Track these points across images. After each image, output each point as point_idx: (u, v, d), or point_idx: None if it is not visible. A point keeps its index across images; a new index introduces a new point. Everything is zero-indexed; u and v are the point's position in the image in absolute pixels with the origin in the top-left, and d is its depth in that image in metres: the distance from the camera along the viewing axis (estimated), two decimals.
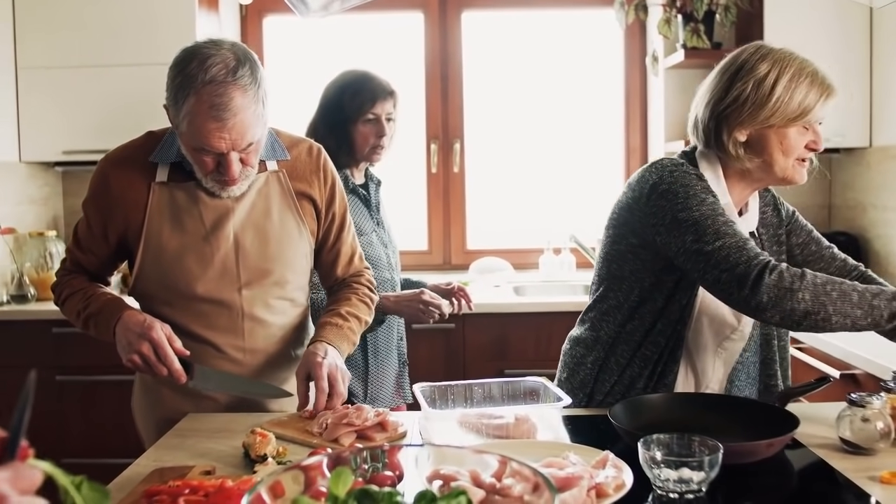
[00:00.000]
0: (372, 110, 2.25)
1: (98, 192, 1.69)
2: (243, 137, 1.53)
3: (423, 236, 3.96)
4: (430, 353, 3.17)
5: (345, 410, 1.51)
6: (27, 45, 3.29)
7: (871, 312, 1.43)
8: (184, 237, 1.65)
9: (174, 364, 1.55)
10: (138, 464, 1.40)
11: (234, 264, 1.67)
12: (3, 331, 3.10)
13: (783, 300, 1.43)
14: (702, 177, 1.61)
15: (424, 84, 3.89)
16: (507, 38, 3.91)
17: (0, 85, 3.23)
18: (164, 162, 1.66)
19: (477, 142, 3.93)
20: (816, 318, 1.44)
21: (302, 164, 1.76)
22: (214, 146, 1.52)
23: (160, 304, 1.69)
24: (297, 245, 1.74)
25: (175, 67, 1.54)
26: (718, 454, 1.19)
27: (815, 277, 1.46)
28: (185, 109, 1.50)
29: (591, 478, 1.16)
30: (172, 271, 1.65)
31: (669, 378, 1.65)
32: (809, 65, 1.59)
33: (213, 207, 1.66)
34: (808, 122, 1.58)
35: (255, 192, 1.69)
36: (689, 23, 3.29)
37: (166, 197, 1.66)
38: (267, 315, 1.73)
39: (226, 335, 1.70)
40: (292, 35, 3.91)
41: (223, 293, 1.67)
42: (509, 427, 1.44)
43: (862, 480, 1.26)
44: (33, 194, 3.46)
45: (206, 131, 1.50)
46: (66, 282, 1.76)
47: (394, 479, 1.08)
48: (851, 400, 1.39)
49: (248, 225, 1.68)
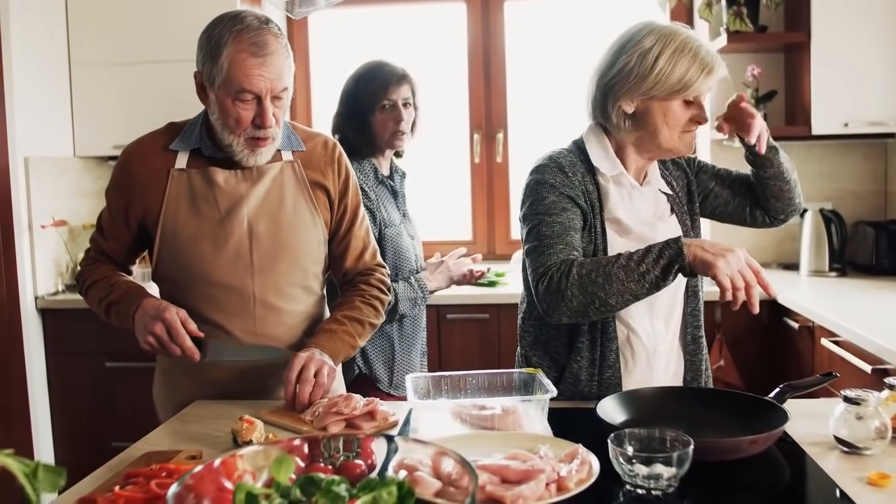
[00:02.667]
0: (386, 97, 2.27)
1: (120, 178, 1.76)
2: (280, 78, 1.61)
3: (468, 226, 3.97)
4: (464, 342, 3.18)
5: (335, 399, 1.53)
6: (79, 43, 3.43)
7: (643, 280, 1.51)
8: (199, 221, 1.70)
9: (186, 341, 1.60)
10: (135, 447, 1.45)
11: (247, 250, 1.71)
12: (57, 318, 3.25)
13: (558, 302, 1.56)
14: (562, 169, 1.70)
15: (467, 74, 3.88)
16: (549, 25, 3.87)
17: (55, 83, 3.38)
18: (184, 149, 1.72)
19: (521, 131, 3.91)
20: (595, 307, 1.55)
21: (317, 155, 1.81)
22: (255, 85, 1.59)
23: (177, 288, 1.75)
24: (310, 232, 1.77)
25: (209, 28, 1.65)
26: (689, 450, 1.17)
27: (581, 268, 1.55)
28: (224, 56, 1.59)
29: (553, 471, 1.15)
30: (187, 255, 1.71)
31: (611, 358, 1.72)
32: (694, 41, 1.63)
33: (227, 193, 1.71)
34: (691, 95, 1.64)
35: (270, 180, 1.74)
36: (732, 6, 3.18)
37: (184, 182, 1.71)
38: (279, 301, 1.76)
39: (238, 320, 1.73)
40: (337, 29, 3.96)
41: (236, 278, 1.72)
42: (494, 418, 1.44)
43: (849, 481, 1.21)
44: (88, 188, 3.61)
45: (247, 69, 1.58)
46: (90, 271, 1.84)
47: (363, 469, 1.09)
48: (846, 397, 1.34)
49: (262, 211, 1.72)
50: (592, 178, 1.74)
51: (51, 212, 3.27)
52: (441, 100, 3.93)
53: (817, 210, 3.28)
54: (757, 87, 3.29)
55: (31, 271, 3.21)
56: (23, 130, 3.14)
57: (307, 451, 1.11)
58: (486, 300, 3.14)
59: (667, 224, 1.77)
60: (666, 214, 1.79)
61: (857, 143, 3.43)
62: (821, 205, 3.35)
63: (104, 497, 1.14)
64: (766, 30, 3.26)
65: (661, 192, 1.80)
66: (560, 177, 1.70)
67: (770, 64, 3.44)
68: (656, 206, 1.78)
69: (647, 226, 1.73)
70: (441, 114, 3.94)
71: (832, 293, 2.93)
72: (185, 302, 1.72)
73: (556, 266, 1.59)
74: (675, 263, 1.50)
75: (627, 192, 1.75)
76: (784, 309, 2.86)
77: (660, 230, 1.73)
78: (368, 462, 1.10)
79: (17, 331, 3.13)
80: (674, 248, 1.50)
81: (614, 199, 1.73)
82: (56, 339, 3.27)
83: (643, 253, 1.52)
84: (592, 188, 1.73)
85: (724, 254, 1.47)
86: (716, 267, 1.46)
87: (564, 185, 1.69)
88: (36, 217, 3.20)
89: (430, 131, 3.93)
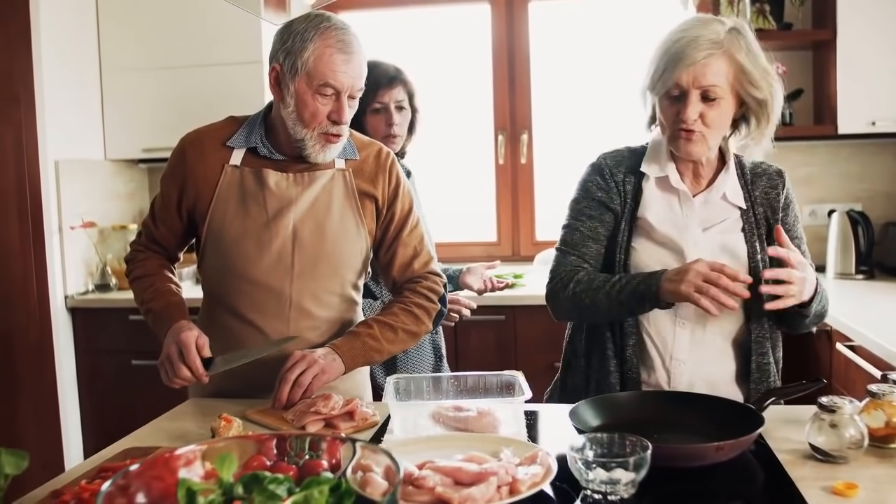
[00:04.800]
0: (377, 100, 2.24)
1: (175, 166, 1.77)
2: (360, 77, 1.67)
3: (493, 227, 3.97)
4: (480, 344, 3.18)
5: (314, 399, 1.55)
6: (110, 48, 3.54)
7: (622, 308, 1.61)
8: (246, 221, 1.72)
9: (195, 362, 1.58)
10: (119, 443, 1.50)
11: (289, 254, 1.73)
12: (86, 317, 3.36)
13: (555, 307, 1.74)
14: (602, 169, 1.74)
15: (492, 75, 3.88)
16: (574, 26, 3.85)
17: (86, 86, 3.49)
18: (240, 146, 1.75)
19: (545, 132, 3.89)
20: (585, 319, 1.73)
21: (369, 165, 1.81)
22: (339, 80, 1.63)
23: (219, 282, 1.78)
24: (353, 243, 1.78)
25: (291, 24, 1.68)
26: (646, 455, 1.16)
27: (577, 286, 1.66)
28: (311, 49, 1.62)
29: (507, 474, 1.15)
30: (231, 252, 1.73)
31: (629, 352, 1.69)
32: (677, 32, 1.59)
33: (277, 196, 1.73)
34: (669, 90, 1.59)
35: (320, 187, 1.75)
36: (755, 3, 3.13)
37: (237, 179, 1.74)
38: (314, 307, 1.76)
39: (272, 321, 1.75)
40: (364, 32, 3.97)
41: (275, 280, 1.73)
42: (469, 420, 1.45)
43: (813, 490, 1.18)
44: (119, 190, 3.71)
45: (334, 64, 1.62)
46: (141, 260, 1.85)
47: (326, 469, 1.11)
48: (821, 404, 1.31)
49: (308, 217, 1.73)
50: (636, 178, 1.73)
51: (80, 213, 3.37)
52: (466, 101, 3.95)
53: (844, 211, 3.19)
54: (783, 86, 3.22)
55: (62, 271, 3.31)
56: (54, 134, 3.25)
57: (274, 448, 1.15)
58: (503, 302, 3.14)
59: (715, 236, 1.68)
60: (727, 227, 1.70)
61: (885, 143, 3.34)
62: (849, 206, 3.26)
63: (71, 490, 1.18)
64: (791, 27, 3.19)
65: (730, 204, 1.70)
66: (597, 178, 1.75)
67: (798, 62, 3.36)
68: (711, 216, 1.70)
69: (678, 230, 1.68)
70: (466, 115, 3.95)
71: (856, 296, 2.86)
72: (225, 297, 1.76)
73: (561, 276, 1.71)
74: (646, 297, 1.57)
75: (671, 196, 1.71)
76: None
77: (695, 239, 1.66)
78: (333, 462, 1.11)
79: (47, 329, 3.24)
80: (648, 282, 1.57)
81: (649, 200, 1.71)
82: (85, 337, 3.37)
83: (625, 283, 1.60)
84: (631, 188, 1.72)
85: (684, 276, 1.51)
86: (679, 291, 1.51)
87: (599, 188, 1.74)
88: (66, 219, 3.31)
89: (455, 132, 3.97)
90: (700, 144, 1.61)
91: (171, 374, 1.60)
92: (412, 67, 3.83)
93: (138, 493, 0.92)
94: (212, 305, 1.82)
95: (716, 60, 1.55)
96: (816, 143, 3.38)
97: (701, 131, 1.60)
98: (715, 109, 1.59)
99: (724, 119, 1.62)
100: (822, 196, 3.45)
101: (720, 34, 1.57)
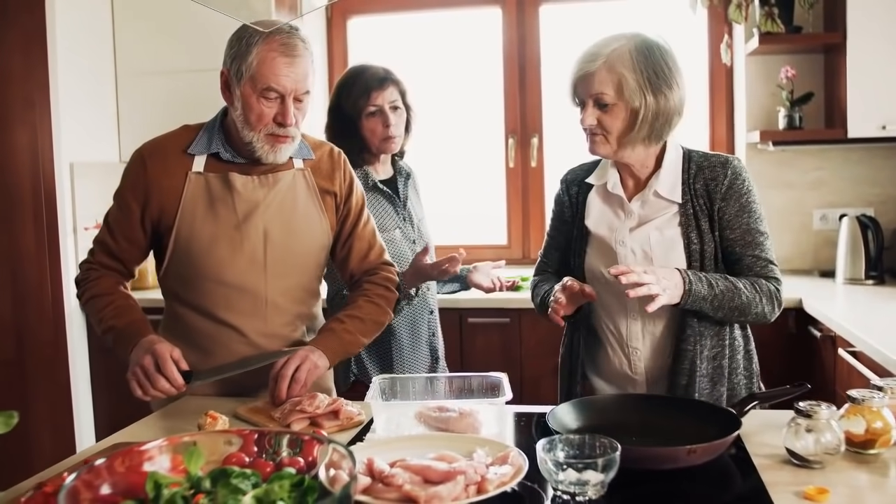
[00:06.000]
0: (370, 103, 2.25)
1: (136, 179, 1.78)
2: (304, 80, 1.70)
3: (503, 230, 3.98)
4: (485, 346, 3.19)
5: (300, 398, 1.58)
6: (125, 51, 3.59)
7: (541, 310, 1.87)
8: (216, 225, 1.76)
9: (173, 373, 1.59)
10: (110, 438, 1.53)
11: (261, 253, 1.78)
12: None
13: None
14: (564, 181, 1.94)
15: (503, 79, 3.89)
16: (585, 30, 3.84)
17: (101, 89, 3.55)
18: (201, 153, 1.78)
19: (556, 136, 3.89)
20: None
21: (325, 163, 1.89)
22: (282, 83, 1.67)
23: (189, 289, 1.80)
24: (319, 238, 1.86)
25: (240, 30, 1.73)
26: (614, 455, 1.17)
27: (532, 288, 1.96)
28: (255, 53, 1.67)
29: (476, 473, 1.16)
30: (203, 257, 1.76)
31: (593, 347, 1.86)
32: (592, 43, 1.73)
33: (245, 198, 1.77)
34: (577, 99, 1.74)
35: (285, 187, 1.81)
36: (763, 6, 3.11)
37: (202, 186, 1.77)
38: (287, 303, 1.83)
39: (250, 320, 1.80)
40: (375, 36, 4.03)
41: (250, 280, 1.78)
42: (450, 420, 1.46)
43: (783, 495, 1.18)
44: None
45: (277, 67, 1.66)
46: (94, 280, 1.83)
47: (302, 466, 1.13)
48: (797, 409, 1.31)
49: (277, 217, 1.79)
50: (586, 189, 1.88)
51: (95, 215, 3.42)
52: (477, 104, 3.96)
53: (854, 216, 3.16)
54: (792, 90, 3.20)
55: (76, 271, 3.36)
56: (68, 136, 3.31)
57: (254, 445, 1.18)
58: (508, 304, 3.15)
59: (651, 232, 1.76)
60: (663, 222, 1.76)
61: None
62: (861, 210, 3.23)
63: (52, 481, 1.21)
64: (800, 30, 3.17)
65: (666, 200, 1.76)
66: (558, 193, 1.94)
67: (809, 65, 3.33)
68: (648, 214, 1.77)
69: (611, 232, 1.80)
70: (477, 118, 3.97)
71: (863, 301, 2.83)
72: (198, 301, 1.79)
73: (533, 277, 2.01)
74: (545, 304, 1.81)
75: (613, 201, 1.82)
76: (810, 317, 2.77)
77: (622, 238, 1.77)
78: (309, 460, 1.14)
79: (61, 328, 3.30)
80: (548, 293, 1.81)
81: (590, 208, 1.85)
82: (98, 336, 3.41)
83: (545, 292, 1.85)
84: (582, 199, 1.87)
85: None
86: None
87: (558, 202, 1.94)
88: (80, 220, 3.36)
89: (466, 135, 3.99)
90: (603, 146, 1.74)
91: (147, 385, 1.59)
92: (424, 71, 3.90)
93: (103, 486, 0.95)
94: (179, 312, 1.83)
95: (600, 71, 1.68)
96: (828, 148, 3.35)
97: (602, 134, 1.72)
98: (608, 114, 1.70)
99: (618, 122, 1.70)
100: (832, 200, 3.41)
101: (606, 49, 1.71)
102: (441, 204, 4.02)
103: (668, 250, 1.74)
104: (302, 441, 1.15)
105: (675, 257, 1.73)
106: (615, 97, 1.67)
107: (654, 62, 1.69)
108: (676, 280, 1.63)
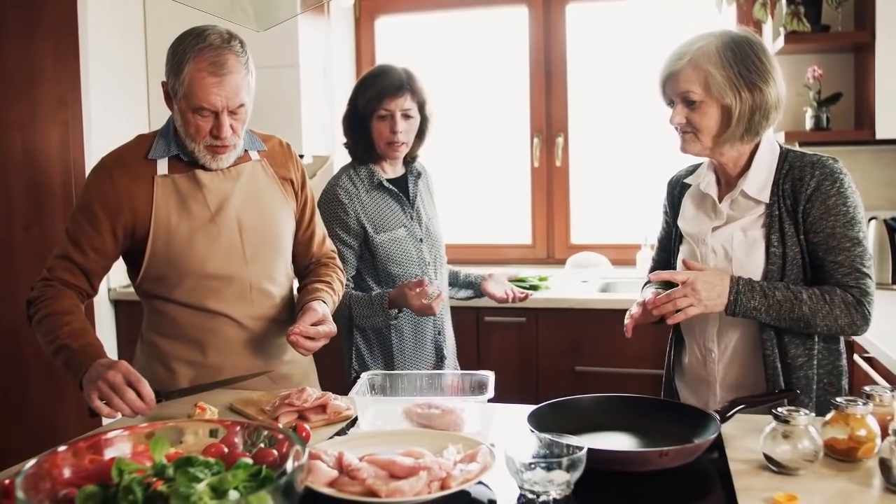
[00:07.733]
0: (383, 107, 2.26)
1: (103, 190, 1.78)
2: (236, 96, 1.73)
3: (528, 230, 3.97)
4: (501, 345, 3.20)
5: (289, 391, 1.61)
6: (157, 51, 3.66)
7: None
8: (191, 221, 1.82)
9: (145, 387, 1.53)
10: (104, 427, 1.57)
11: (239, 243, 1.85)
12: (128, 308, 3.50)
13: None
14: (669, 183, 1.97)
15: (528, 78, 3.89)
16: (611, 29, 3.82)
17: (133, 94, 3.64)
18: (162, 157, 1.82)
19: (581, 135, 3.88)
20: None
21: (277, 153, 1.99)
22: (211, 102, 1.70)
23: (172, 287, 1.85)
24: (287, 223, 1.96)
25: (175, 43, 1.76)
26: (580, 455, 1.17)
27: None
28: (186, 71, 1.70)
29: (441, 469, 1.18)
30: (184, 254, 1.81)
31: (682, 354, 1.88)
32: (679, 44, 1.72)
33: (215, 192, 1.84)
34: (666, 98, 1.76)
35: (248, 178, 1.89)
36: (790, 5, 3.05)
37: (170, 187, 1.82)
38: (271, 286, 1.93)
39: (238, 306, 1.88)
40: (403, 35, 4.05)
41: (232, 269, 1.85)
42: (433, 417, 1.48)
43: (754, 501, 1.17)
44: None
45: (205, 86, 1.69)
46: (51, 297, 1.74)
47: (275, 458, 1.16)
48: (776, 415, 1.29)
49: (247, 206, 1.87)
50: (683, 190, 1.91)
51: None
52: (502, 103, 3.96)
53: (882, 219, 3.08)
54: (819, 90, 3.13)
55: None
56: (99, 135, 3.39)
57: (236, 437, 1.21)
58: (525, 304, 3.11)
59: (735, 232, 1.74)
60: (748, 223, 1.73)
61: None
62: (891, 213, 3.15)
63: None
64: (828, 29, 3.10)
65: (754, 201, 1.73)
66: (665, 194, 1.97)
67: (838, 65, 3.26)
68: (736, 214, 1.75)
69: (700, 232, 1.80)
70: (502, 117, 3.97)
71: (888, 307, 2.75)
72: (185, 298, 1.84)
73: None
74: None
75: (706, 201, 1.82)
76: None
77: (704, 237, 1.78)
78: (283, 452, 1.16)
79: (90, 319, 3.38)
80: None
81: (684, 208, 1.88)
82: (127, 327, 3.52)
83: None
84: (679, 199, 1.91)
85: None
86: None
87: (664, 203, 1.98)
88: None
89: (491, 134, 3.99)
90: (693, 144, 1.73)
91: (113, 397, 1.51)
92: (450, 70, 3.91)
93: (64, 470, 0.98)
94: (165, 310, 1.87)
95: (685, 69, 1.68)
96: (857, 149, 3.27)
97: (692, 132, 1.71)
98: (697, 112, 1.68)
99: (707, 120, 1.68)
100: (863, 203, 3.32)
101: (692, 47, 1.69)
102: (466, 203, 4.03)
103: (749, 251, 1.70)
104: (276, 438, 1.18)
105: (755, 259, 1.69)
106: (703, 94, 1.66)
107: (745, 57, 1.64)
108: (722, 289, 1.62)
